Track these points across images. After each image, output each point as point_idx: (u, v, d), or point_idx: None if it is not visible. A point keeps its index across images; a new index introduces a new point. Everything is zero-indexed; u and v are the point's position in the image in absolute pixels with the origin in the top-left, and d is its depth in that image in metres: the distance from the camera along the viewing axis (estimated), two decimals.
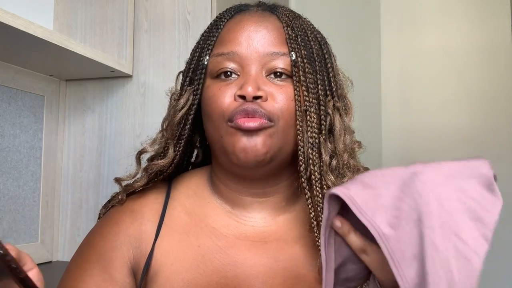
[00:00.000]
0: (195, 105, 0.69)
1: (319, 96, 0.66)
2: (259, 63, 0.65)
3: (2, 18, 0.84)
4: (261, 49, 0.66)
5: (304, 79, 0.65)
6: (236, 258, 0.66)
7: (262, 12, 0.71)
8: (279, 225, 0.69)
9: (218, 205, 0.70)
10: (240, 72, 0.66)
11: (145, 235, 0.68)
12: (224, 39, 0.68)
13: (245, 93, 0.63)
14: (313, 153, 0.64)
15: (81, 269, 0.67)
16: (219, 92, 0.66)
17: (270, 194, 0.69)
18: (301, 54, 0.66)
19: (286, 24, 0.68)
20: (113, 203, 0.73)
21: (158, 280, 0.65)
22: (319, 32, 0.73)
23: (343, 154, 0.66)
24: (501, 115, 1.98)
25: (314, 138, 0.64)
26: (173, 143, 0.70)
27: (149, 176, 0.71)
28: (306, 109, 0.65)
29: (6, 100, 1.10)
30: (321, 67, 0.68)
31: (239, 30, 0.67)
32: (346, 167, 0.66)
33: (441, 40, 2.07)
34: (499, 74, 1.99)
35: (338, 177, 0.65)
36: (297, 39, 0.67)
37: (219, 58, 0.67)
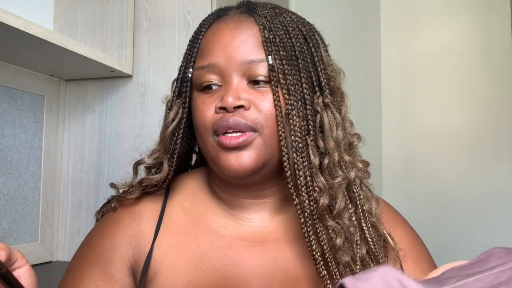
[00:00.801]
0: (184, 118, 0.69)
1: (304, 96, 0.65)
2: (239, 71, 0.64)
3: (2, 18, 0.84)
4: (239, 57, 0.64)
5: (284, 81, 0.63)
6: (235, 258, 0.66)
7: (239, 16, 0.68)
8: (277, 225, 0.69)
9: (216, 206, 0.71)
10: (222, 82, 0.66)
11: (144, 235, 0.68)
12: (203, 51, 0.68)
13: (225, 104, 0.63)
14: (298, 157, 0.63)
15: (80, 270, 0.68)
16: (202, 105, 0.66)
17: (267, 196, 0.69)
18: (280, 55, 0.64)
19: (263, 26, 0.65)
20: (106, 209, 0.74)
21: (158, 280, 0.65)
22: (305, 24, 0.70)
23: (333, 153, 0.64)
24: (501, 115, 1.98)
25: (297, 142, 0.63)
26: (167, 157, 0.70)
27: (142, 190, 0.71)
28: (288, 112, 0.63)
29: (6, 100, 1.10)
30: (305, 63, 0.66)
31: (216, 41, 0.67)
32: (338, 166, 0.64)
33: (441, 40, 2.07)
34: (499, 74, 1.99)
35: (329, 178, 0.64)
36: (275, 40, 0.65)
37: (201, 71, 0.67)
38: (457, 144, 2.02)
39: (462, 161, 2.01)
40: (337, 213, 0.63)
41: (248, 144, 0.63)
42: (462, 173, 2.00)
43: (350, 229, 0.64)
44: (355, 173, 0.66)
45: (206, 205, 0.71)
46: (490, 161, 1.97)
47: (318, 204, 0.62)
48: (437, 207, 1.97)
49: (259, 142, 0.63)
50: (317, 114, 0.65)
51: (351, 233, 0.64)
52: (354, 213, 0.65)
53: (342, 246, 0.62)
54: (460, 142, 2.02)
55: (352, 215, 0.65)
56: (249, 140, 0.63)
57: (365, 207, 0.66)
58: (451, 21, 2.07)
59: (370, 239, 0.65)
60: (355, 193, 0.66)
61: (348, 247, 0.63)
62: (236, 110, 0.63)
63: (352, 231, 0.64)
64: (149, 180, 0.70)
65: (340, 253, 0.62)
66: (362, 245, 0.65)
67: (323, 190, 0.63)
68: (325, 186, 0.63)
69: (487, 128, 1.98)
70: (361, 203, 0.66)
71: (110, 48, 1.20)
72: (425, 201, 1.99)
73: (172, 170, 0.70)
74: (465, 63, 2.03)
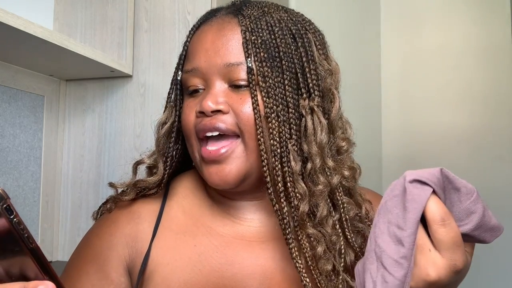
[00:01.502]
0: (175, 121, 0.69)
1: (286, 98, 0.62)
2: (219, 75, 0.64)
3: (2, 18, 0.84)
4: (219, 61, 0.63)
5: (263, 84, 0.62)
6: (233, 257, 0.66)
7: (225, 17, 0.67)
8: (275, 225, 0.68)
9: (214, 205, 0.71)
10: (205, 86, 0.65)
11: (141, 234, 0.68)
12: (189, 54, 0.68)
13: (203, 108, 0.62)
14: (276, 162, 0.61)
15: (77, 268, 0.68)
16: (187, 109, 0.66)
17: (262, 197, 0.68)
18: (260, 57, 0.62)
19: (245, 28, 0.64)
20: (103, 210, 0.74)
21: (155, 280, 0.65)
22: (297, 22, 0.67)
23: (316, 158, 0.62)
24: (501, 115, 1.98)
25: (276, 146, 0.61)
26: (161, 160, 0.70)
27: (137, 192, 0.70)
28: (267, 116, 0.61)
29: (6, 100, 1.10)
30: (290, 64, 0.63)
31: (199, 44, 0.66)
32: (320, 172, 0.62)
33: (441, 40, 2.07)
34: (499, 74, 1.99)
35: (311, 184, 0.62)
36: (257, 41, 0.63)
37: (186, 75, 0.67)
38: (457, 144, 2.02)
39: (462, 161, 2.00)
40: (319, 221, 0.62)
41: (228, 156, 0.62)
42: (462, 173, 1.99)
43: (332, 237, 0.62)
44: (338, 180, 0.63)
45: (205, 205, 0.71)
46: (490, 161, 1.96)
47: (298, 211, 0.61)
48: None
49: (240, 150, 0.62)
50: (302, 117, 0.63)
51: (333, 242, 0.62)
52: (338, 220, 0.64)
53: (323, 254, 0.61)
54: (460, 142, 2.01)
55: (336, 222, 0.63)
56: (229, 151, 0.62)
57: (350, 214, 0.64)
58: (451, 21, 2.07)
59: (355, 247, 0.64)
60: (339, 201, 0.64)
61: (331, 255, 0.62)
62: (214, 114, 0.62)
63: (334, 239, 0.62)
64: (143, 182, 0.70)
65: (322, 261, 0.61)
66: (349, 252, 0.63)
67: (303, 196, 0.61)
68: (305, 193, 0.61)
69: (487, 128, 1.98)
70: (345, 210, 0.64)
71: (110, 48, 1.20)
72: None
73: (167, 173, 0.70)
74: (465, 63, 2.03)
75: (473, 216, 0.47)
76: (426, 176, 0.46)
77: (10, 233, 0.41)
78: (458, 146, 2.02)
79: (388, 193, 0.48)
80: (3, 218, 0.41)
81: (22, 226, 0.42)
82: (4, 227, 0.41)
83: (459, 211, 0.47)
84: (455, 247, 0.45)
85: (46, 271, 0.43)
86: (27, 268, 0.43)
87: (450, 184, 0.48)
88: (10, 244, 0.42)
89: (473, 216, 0.47)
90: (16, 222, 0.41)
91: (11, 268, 0.43)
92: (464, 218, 0.47)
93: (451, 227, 0.45)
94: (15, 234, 0.41)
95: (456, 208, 0.47)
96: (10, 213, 0.41)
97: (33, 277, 0.43)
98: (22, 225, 0.42)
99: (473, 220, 0.47)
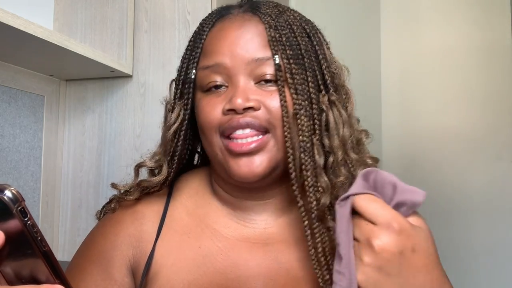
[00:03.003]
0: (185, 120, 0.68)
1: (310, 95, 0.63)
2: (246, 71, 0.63)
3: (2, 18, 0.84)
4: (246, 55, 0.63)
5: (291, 81, 0.62)
6: (237, 259, 0.66)
7: (243, 14, 0.67)
8: (280, 226, 0.68)
9: (219, 206, 0.70)
10: (228, 82, 0.64)
11: (145, 235, 0.68)
12: (207, 50, 0.66)
13: (234, 106, 0.61)
14: (305, 157, 0.61)
15: (81, 268, 0.68)
16: (209, 106, 0.65)
17: (271, 197, 0.68)
18: (286, 54, 0.63)
19: (269, 25, 0.64)
20: (106, 210, 0.73)
21: (159, 281, 0.65)
22: (308, 21, 0.69)
23: (338, 151, 0.63)
24: (501, 115, 1.98)
25: (305, 142, 0.61)
26: (166, 160, 0.69)
27: (141, 191, 0.70)
28: (296, 112, 0.62)
29: (6, 100, 1.10)
30: (311, 62, 0.65)
31: (221, 39, 0.65)
32: (342, 165, 0.63)
33: (441, 40, 2.07)
34: (499, 74, 1.99)
35: (333, 177, 0.62)
36: (281, 39, 0.63)
37: (206, 71, 0.65)
38: (457, 144, 2.02)
39: (462, 161, 2.00)
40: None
41: (261, 148, 0.62)
42: (462, 173, 2.00)
43: None
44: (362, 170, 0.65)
45: (209, 205, 0.70)
46: (490, 161, 1.96)
47: (319, 204, 0.61)
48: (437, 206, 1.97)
49: (271, 144, 0.62)
50: (323, 112, 0.64)
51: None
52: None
53: None
54: (460, 142, 2.01)
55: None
56: (262, 145, 0.62)
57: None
58: (451, 21, 2.07)
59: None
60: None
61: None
62: (245, 111, 0.62)
63: None
64: (147, 182, 0.69)
65: None
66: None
67: (325, 190, 0.61)
68: (328, 186, 0.61)
69: (487, 128, 1.98)
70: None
71: (110, 48, 1.20)
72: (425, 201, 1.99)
73: (172, 173, 0.69)
74: (465, 63, 2.03)
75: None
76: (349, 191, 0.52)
77: (23, 235, 0.41)
78: (458, 146, 2.02)
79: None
80: (17, 220, 0.41)
81: (36, 229, 0.41)
82: (18, 228, 0.41)
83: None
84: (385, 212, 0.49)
85: (57, 275, 0.43)
86: (38, 271, 0.43)
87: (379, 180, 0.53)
88: (23, 246, 0.42)
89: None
90: (30, 224, 0.41)
91: (21, 270, 0.43)
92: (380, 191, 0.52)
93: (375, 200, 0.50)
94: (29, 236, 0.41)
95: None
96: (25, 216, 0.41)
97: (43, 280, 0.43)
98: (36, 227, 0.41)
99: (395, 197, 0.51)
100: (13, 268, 0.43)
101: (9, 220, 0.41)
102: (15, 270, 0.43)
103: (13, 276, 0.43)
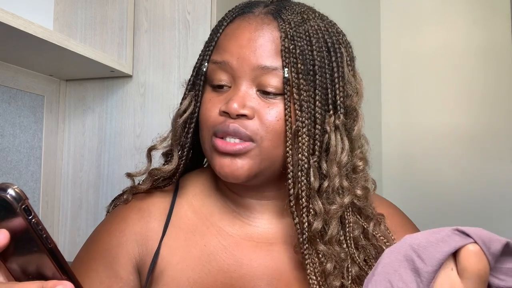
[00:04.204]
0: (196, 113, 0.67)
1: (315, 114, 0.62)
2: (250, 76, 0.62)
3: (2, 18, 0.84)
4: (253, 60, 0.61)
5: (297, 97, 0.61)
6: (241, 258, 0.66)
7: (264, 16, 0.65)
8: (283, 227, 0.68)
9: (224, 204, 0.70)
10: (232, 83, 0.64)
11: (151, 233, 0.68)
12: (220, 45, 0.66)
13: (228, 110, 0.61)
14: (302, 177, 0.61)
15: (86, 265, 0.67)
16: (209, 103, 0.65)
17: (271, 198, 0.68)
18: (297, 68, 0.61)
19: (285, 34, 0.62)
20: (119, 202, 0.73)
21: (164, 279, 0.65)
22: (333, 34, 0.66)
23: (334, 178, 0.62)
24: (501, 115, 1.97)
25: (303, 161, 0.61)
26: (177, 149, 0.69)
27: (153, 181, 0.70)
28: (298, 129, 0.60)
29: (6, 100, 1.10)
30: (323, 79, 0.63)
31: (234, 38, 0.64)
32: (336, 192, 0.62)
33: (441, 40, 2.07)
34: (499, 74, 1.99)
35: (326, 202, 0.62)
36: (295, 51, 0.61)
37: (214, 66, 0.65)
38: (457, 144, 2.02)
39: (462, 161, 2.00)
40: (328, 239, 0.62)
41: (242, 154, 0.62)
42: (462, 173, 2.00)
43: (341, 255, 0.62)
44: (349, 200, 0.63)
45: (214, 204, 0.70)
46: (490, 161, 1.96)
47: (311, 227, 0.61)
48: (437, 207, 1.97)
49: (255, 153, 0.62)
50: (325, 134, 0.62)
51: (342, 259, 0.62)
52: (344, 238, 0.64)
53: (332, 271, 0.61)
54: (460, 142, 2.01)
55: (342, 241, 0.64)
56: (244, 150, 0.61)
57: (355, 233, 0.64)
58: (451, 21, 2.07)
59: (358, 262, 0.64)
60: (346, 219, 0.64)
61: (339, 271, 0.62)
62: (238, 117, 0.61)
63: (343, 257, 0.62)
64: (158, 171, 0.69)
65: (331, 277, 0.61)
66: (354, 268, 0.64)
67: (318, 214, 0.61)
68: (321, 211, 0.61)
69: (487, 128, 1.98)
70: (350, 229, 0.64)
71: (110, 48, 1.20)
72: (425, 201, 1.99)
73: (182, 164, 0.69)
74: (465, 63, 2.03)
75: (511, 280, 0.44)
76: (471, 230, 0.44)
77: (28, 233, 0.41)
78: (458, 146, 2.02)
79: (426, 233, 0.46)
80: (21, 218, 0.41)
81: (41, 226, 0.42)
82: (22, 227, 0.41)
83: (503, 267, 0.44)
84: (478, 280, 0.42)
85: (64, 271, 0.43)
86: (44, 267, 0.43)
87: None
88: (28, 244, 0.42)
89: (510, 280, 0.44)
90: (34, 222, 0.41)
91: (28, 267, 0.43)
92: (502, 274, 0.44)
93: (481, 259, 0.42)
94: (34, 234, 0.41)
95: (502, 262, 0.44)
96: (29, 214, 0.41)
97: (50, 276, 0.43)
98: (40, 225, 0.42)
99: (508, 283, 0.44)
100: (19, 265, 0.43)
101: (14, 218, 0.41)
102: (22, 267, 0.43)
103: (20, 272, 0.43)
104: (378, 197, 0.76)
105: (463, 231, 0.43)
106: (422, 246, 0.44)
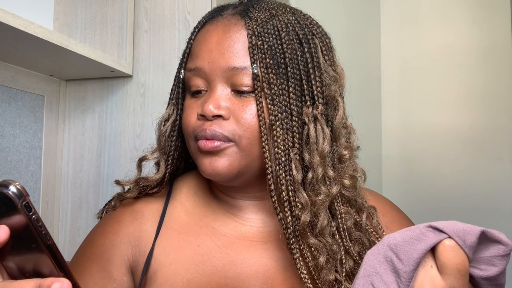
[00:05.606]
0: (177, 120, 0.68)
1: (290, 106, 0.62)
2: (223, 78, 0.63)
3: (2, 18, 0.84)
4: (223, 63, 0.62)
5: (268, 91, 0.61)
6: (235, 257, 0.66)
7: (231, 17, 0.65)
8: (277, 225, 0.68)
9: (217, 205, 0.71)
10: (207, 87, 0.64)
11: (145, 234, 0.68)
12: (193, 52, 0.67)
13: (204, 112, 0.62)
14: (280, 171, 0.60)
15: (80, 267, 0.68)
16: (188, 109, 0.66)
17: (263, 198, 0.68)
18: (266, 64, 0.61)
19: (252, 32, 0.62)
20: (107, 208, 0.74)
21: (158, 280, 0.65)
22: (305, 26, 0.66)
23: (317, 168, 0.61)
24: (501, 115, 1.98)
25: (280, 154, 0.61)
26: (163, 158, 0.70)
27: (139, 189, 0.70)
28: (272, 123, 0.61)
29: (6, 100, 1.10)
30: (296, 71, 0.63)
31: (204, 43, 0.65)
32: (322, 182, 0.62)
33: (441, 40, 2.07)
34: (499, 74, 1.99)
35: (312, 194, 0.61)
36: (263, 46, 0.62)
37: (189, 73, 0.66)
38: (457, 144, 2.02)
39: (462, 161, 2.01)
40: (319, 231, 0.62)
41: (221, 150, 0.62)
42: (462, 173, 2.00)
43: (333, 247, 0.62)
44: (337, 190, 0.63)
45: (208, 204, 0.71)
46: (490, 161, 1.96)
47: (299, 221, 0.60)
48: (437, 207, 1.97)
49: (234, 150, 0.62)
50: (304, 125, 0.62)
51: (334, 251, 0.62)
52: (336, 230, 0.63)
53: (325, 264, 0.61)
54: (460, 142, 2.02)
55: (334, 232, 0.63)
56: (222, 147, 0.62)
57: (348, 223, 0.64)
58: (451, 21, 2.07)
59: (354, 256, 0.63)
60: (337, 210, 0.64)
61: (333, 265, 0.61)
62: (215, 118, 0.62)
63: (335, 249, 0.62)
64: (144, 180, 0.70)
65: (324, 271, 0.61)
66: (348, 260, 0.63)
67: (304, 206, 0.61)
68: (307, 203, 0.61)
69: (487, 128, 1.98)
70: (342, 220, 0.64)
71: (110, 48, 1.20)
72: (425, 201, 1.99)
73: (169, 171, 0.70)
74: (465, 63, 2.03)
75: (492, 268, 0.44)
76: (444, 225, 0.44)
77: (28, 230, 0.42)
78: (458, 146, 2.02)
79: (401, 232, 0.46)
80: (21, 215, 0.41)
81: (40, 223, 0.42)
82: (22, 223, 0.41)
83: (482, 256, 0.44)
84: (458, 275, 0.42)
85: (61, 268, 0.43)
86: (42, 265, 0.43)
87: (486, 238, 0.45)
88: (27, 241, 0.42)
89: (491, 268, 0.44)
90: (34, 219, 0.42)
91: (25, 264, 0.43)
92: (482, 264, 0.44)
93: (458, 253, 0.42)
94: (33, 231, 0.42)
95: (481, 251, 0.44)
96: (29, 210, 0.41)
97: (47, 273, 0.43)
98: (40, 222, 0.42)
99: (489, 271, 0.44)
100: (16, 263, 0.43)
101: (14, 215, 0.41)
102: (18, 265, 0.43)
103: (17, 270, 0.43)
104: (375, 193, 0.76)
105: (436, 227, 0.43)
106: (399, 246, 0.44)
